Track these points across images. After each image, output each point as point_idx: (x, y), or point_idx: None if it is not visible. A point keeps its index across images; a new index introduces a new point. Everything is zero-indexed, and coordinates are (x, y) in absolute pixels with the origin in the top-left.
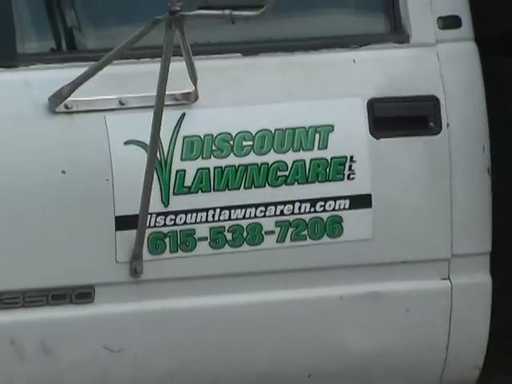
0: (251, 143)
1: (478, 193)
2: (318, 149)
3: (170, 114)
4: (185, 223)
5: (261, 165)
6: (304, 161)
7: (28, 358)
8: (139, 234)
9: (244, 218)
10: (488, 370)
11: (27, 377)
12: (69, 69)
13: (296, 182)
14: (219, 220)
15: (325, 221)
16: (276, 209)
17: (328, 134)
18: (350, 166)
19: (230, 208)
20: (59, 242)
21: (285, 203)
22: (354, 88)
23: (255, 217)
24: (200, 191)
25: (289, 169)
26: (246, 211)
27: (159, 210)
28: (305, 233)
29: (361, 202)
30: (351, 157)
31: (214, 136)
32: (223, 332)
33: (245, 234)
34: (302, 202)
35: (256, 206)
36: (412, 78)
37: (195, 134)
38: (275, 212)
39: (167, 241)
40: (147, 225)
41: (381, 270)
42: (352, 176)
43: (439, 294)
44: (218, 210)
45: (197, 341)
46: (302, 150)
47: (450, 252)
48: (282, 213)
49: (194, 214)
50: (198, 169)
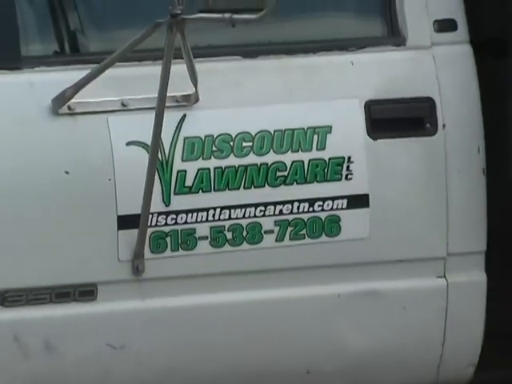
0: (251, 144)
1: (474, 193)
2: (317, 149)
3: (171, 116)
4: (185, 222)
5: (260, 165)
6: (303, 161)
7: (32, 354)
8: (141, 233)
9: (244, 217)
10: (483, 368)
11: (31, 373)
12: (72, 71)
13: (295, 182)
14: (219, 219)
15: (323, 220)
16: (275, 208)
17: (326, 135)
18: (348, 167)
19: (230, 208)
20: (62, 241)
21: (284, 203)
22: (352, 90)
23: (255, 216)
24: (200, 191)
25: (288, 169)
26: (245, 211)
27: (160, 209)
28: (303, 232)
29: (358, 201)
30: (349, 157)
31: (215, 137)
32: (224, 329)
33: (244, 233)
34: (300, 201)
35: (255, 205)
36: (408, 80)
37: (196, 135)
38: (274, 211)
39: (168, 240)
40: (149, 224)
41: (378, 268)
42: (350, 176)
43: (435, 292)
44: (218, 210)
45: (197, 338)
46: (300, 151)
47: (445, 251)
48: (281, 212)
49: (195, 214)
50: (199, 169)
